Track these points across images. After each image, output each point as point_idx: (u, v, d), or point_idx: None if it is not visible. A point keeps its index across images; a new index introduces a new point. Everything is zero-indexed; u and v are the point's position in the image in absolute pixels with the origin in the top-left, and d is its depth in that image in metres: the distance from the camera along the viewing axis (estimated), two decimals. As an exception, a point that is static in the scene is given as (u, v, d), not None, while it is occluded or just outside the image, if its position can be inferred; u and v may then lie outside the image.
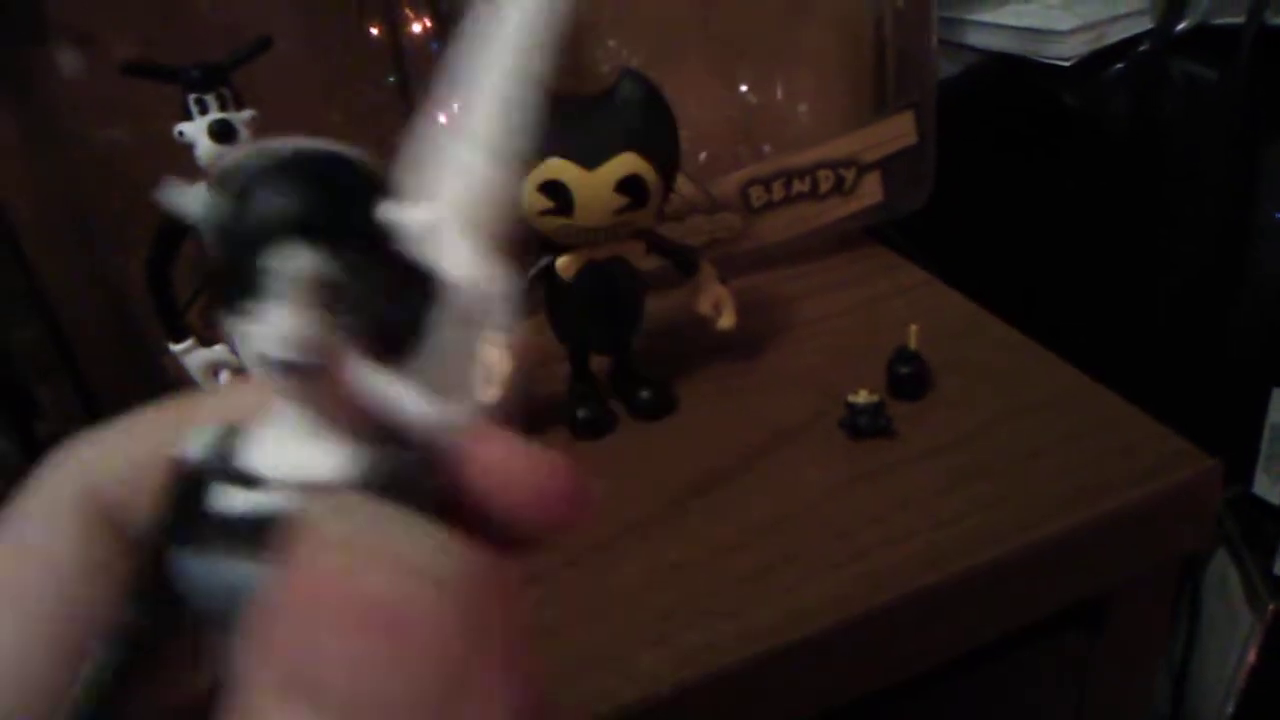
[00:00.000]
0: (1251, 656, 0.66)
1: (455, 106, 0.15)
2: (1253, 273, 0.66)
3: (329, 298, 0.14)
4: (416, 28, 0.56)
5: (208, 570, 0.15)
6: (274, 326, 0.14)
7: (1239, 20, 0.66)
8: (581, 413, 0.49)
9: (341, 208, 0.14)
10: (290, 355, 0.14)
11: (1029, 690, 0.49)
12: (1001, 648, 0.42)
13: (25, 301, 0.47)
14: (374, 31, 0.55)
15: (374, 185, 0.14)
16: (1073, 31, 0.72)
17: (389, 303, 0.14)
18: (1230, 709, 0.67)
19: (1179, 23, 0.70)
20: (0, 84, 0.47)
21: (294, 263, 0.14)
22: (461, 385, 0.15)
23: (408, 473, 0.14)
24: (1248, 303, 0.66)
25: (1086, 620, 0.46)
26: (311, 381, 0.14)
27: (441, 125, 0.15)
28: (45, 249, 0.47)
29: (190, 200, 0.14)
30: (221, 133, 0.37)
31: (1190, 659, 0.70)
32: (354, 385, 0.14)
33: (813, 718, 0.39)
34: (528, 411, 0.49)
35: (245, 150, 0.14)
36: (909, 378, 0.48)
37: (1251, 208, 0.66)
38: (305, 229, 0.14)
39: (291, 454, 0.15)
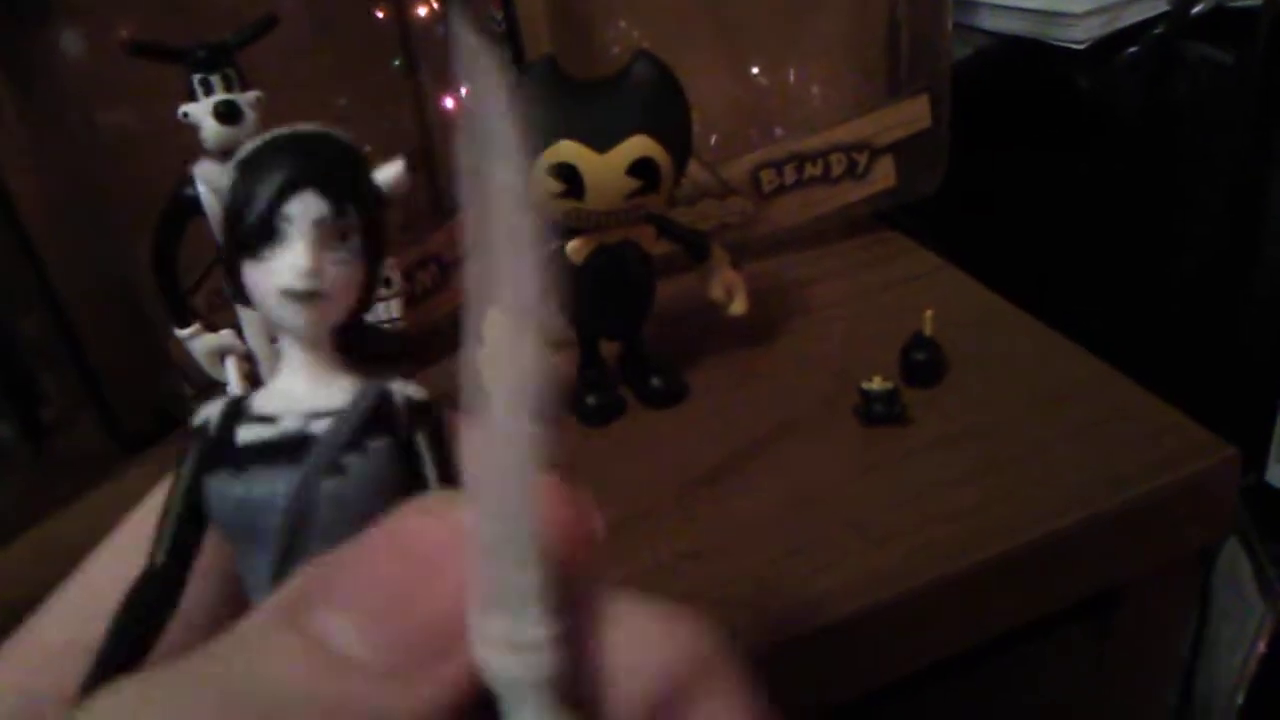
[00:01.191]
0: (1262, 646, 0.65)
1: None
2: (1267, 257, 0.65)
3: (333, 237, 0.18)
4: (423, 10, 0.55)
5: (243, 488, 0.18)
6: (292, 262, 0.18)
7: (1256, 3, 0.65)
8: (590, 399, 0.48)
9: (338, 168, 0.19)
10: (305, 285, 0.18)
11: (1043, 681, 0.48)
12: (1016, 638, 0.42)
13: (30, 288, 0.46)
14: (380, 15, 0.55)
15: (359, 155, 0.19)
16: (1087, 14, 0.71)
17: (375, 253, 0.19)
18: (1240, 699, 0.67)
19: (1195, 5, 0.69)
20: (2, 66, 0.46)
21: (307, 206, 0.18)
22: None
23: (387, 401, 0.19)
24: (1261, 288, 0.65)
25: (1102, 611, 0.45)
26: (319, 310, 0.18)
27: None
28: (50, 234, 0.47)
29: (216, 175, 0.17)
30: (227, 114, 0.36)
31: (1200, 648, 0.70)
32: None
33: (824, 708, 0.39)
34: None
35: (259, 137, 0.19)
36: (924, 364, 0.47)
37: (1266, 193, 0.65)
38: (313, 182, 0.18)
39: (296, 392, 0.19)
